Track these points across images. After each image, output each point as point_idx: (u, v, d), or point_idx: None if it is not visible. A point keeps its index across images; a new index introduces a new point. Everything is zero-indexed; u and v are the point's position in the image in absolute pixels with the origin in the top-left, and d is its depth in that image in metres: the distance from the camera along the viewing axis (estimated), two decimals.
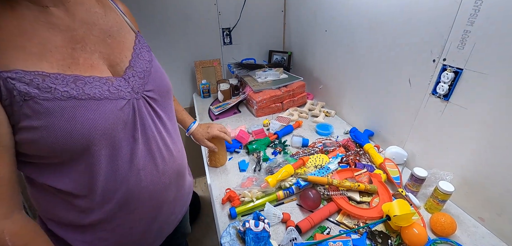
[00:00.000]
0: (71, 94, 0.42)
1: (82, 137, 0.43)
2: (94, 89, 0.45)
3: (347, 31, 1.23)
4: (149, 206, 0.60)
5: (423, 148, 0.96)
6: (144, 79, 0.55)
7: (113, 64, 0.51)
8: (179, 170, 0.66)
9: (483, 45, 0.70)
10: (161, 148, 0.58)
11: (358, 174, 0.92)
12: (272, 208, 0.82)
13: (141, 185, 0.55)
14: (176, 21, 1.55)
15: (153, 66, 0.59)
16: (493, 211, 0.76)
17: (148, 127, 0.55)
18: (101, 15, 0.52)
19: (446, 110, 0.84)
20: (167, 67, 1.66)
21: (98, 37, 0.49)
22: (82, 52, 0.46)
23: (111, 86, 0.48)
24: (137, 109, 0.52)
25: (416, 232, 0.70)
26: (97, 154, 0.47)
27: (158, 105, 0.58)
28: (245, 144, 1.16)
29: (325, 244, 0.69)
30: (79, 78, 0.44)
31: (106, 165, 0.49)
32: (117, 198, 0.53)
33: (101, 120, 0.45)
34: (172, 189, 0.65)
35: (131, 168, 0.52)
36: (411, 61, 0.93)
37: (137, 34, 0.61)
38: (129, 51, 0.55)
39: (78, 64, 0.45)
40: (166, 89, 0.62)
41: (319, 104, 1.49)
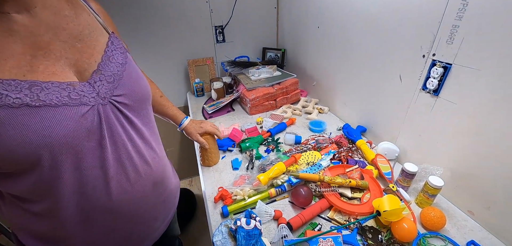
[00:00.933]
0: (24, 102, 0.39)
1: (35, 146, 0.40)
2: (50, 96, 0.42)
3: (338, 27, 1.23)
4: (122, 217, 0.57)
5: (414, 143, 0.96)
6: (113, 84, 0.51)
7: (81, 70, 0.48)
8: (156, 180, 0.62)
9: (471, 40, 0.71)
10: (133, 157, 0.55)
11: (350, 170, 0.92)
12: (264, 206, 0.82)
13: (111, 196, 0.52)
14: (169, 19, 1.54)
15: (126, 69, 0.55)
16: (482, 204, 0.76)
17: (117, 135, 0.51)
18: (71, 18, 0.49)
19: (436, 106, 0.84)
20: (160, 66, 1.65)
21: (66, 42, 0.47)
22: (44, 59, 0.43)
23: (72, 92, 0.45)
24: (103, 116, 0.48)
25: (405, 227, 0.71)
26: (58, 164, 0.44)
27: (131, 111, 0.55)
28: (238, 142, 1.15)
29: (315, 240, 0.69)
30: (36, 84, 0.41)
31: (70, 175, 0.46)
32: (89, 206, 0.51)
33: (58, 128, 0.42)
34: (148, 198, 0.62)
35: (99, 176, 0.50)
36: (401, 56, 0.93)
37: (111, 35, 0.57)
38: (100, 55, 0.52)
39: (37, 72, 0.42)
40: (142, 94, 0.58)
41: (313, 101, 1.49)
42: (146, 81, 0.61)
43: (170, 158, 2.14)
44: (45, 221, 0.50)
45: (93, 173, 0.49)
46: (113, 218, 0.55)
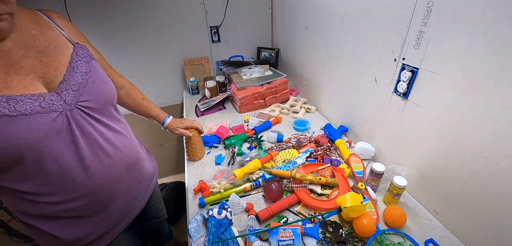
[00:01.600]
0: (3, 113, 0.47)
1: (16, 148, 0.49)
2: (25, 106, 0.50)
3: (323, 28, 1.26)
4: (103, 196, 0.66)
5: (388, 144, 0.99)
6: (78, 91, 0.59)
7: (48, 81, 0.56)
8: (128, 162, 0.71)
9: (436, 45, 0.73)
10: (104, 147, 0.63)
11: (322, 168, 0.96)
12: (237, 198, 0.88)
13: (91, 179, 0.62)
14: (165, 20, 1.62)
15: (91, 77, 0.63)
16: (445, 204, 0.79)
17: (87, 132, 0.60)
18: (37, 36, 0.57)
19: (405, 108, 0.87)
20: (158, 66, 1.74)
21: (34, 58, 0.55)
22: (16, 75, 0.52)
23: (43, 101, 0.53)
24: (71, 119, 0.57)
25: (365, 222, 0.75)
26: (39, 158, 0.53)
27: (97, 112, 0.63)
28: (223, 139, 1.22)
29: (276, 231, 0.75)
30: (12, 98, 0.49)
31: (51, 166, 0.55)
32: (72, 190, 0.60)
33: (33, 132, 0.51)
34: (124, 179, 0.71)
35: (76, 165, 0.59)
36: (376, 59, 0.96)
37: (75, 45, 0.64)
38: (65, 66, 0.59)
39: (11, 87, 0.50)
40: (106, 97, 0.66)
41: (301, 100, 1.53)
42: (111, 84, 0.70)
43: (169, 153, 2.24)
44: (38, 204, 0.59)
45: (71, 163, 0.58)
46: (96, 198, 0.65)
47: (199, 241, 0.79)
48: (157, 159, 1.00)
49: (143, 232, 1.22)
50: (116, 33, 1.54)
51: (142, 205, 0.85)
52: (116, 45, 1.57)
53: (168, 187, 1.78)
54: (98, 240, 0.72)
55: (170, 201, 1.69)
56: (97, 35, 1.50)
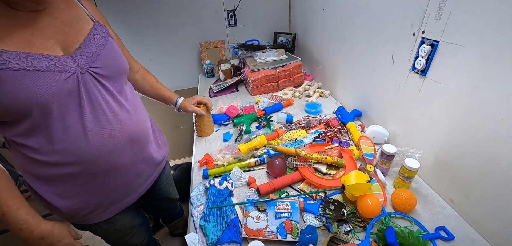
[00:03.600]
0: (22, 66, 0.52)
1: (29, 100, 0.54)
2: (41, 63, 0.55)
3: (340, 8, 1.20)
4: (104, 164, 0.68)
5: (403, 126, 0.92)
6: (91, 58, 0.64)
7: (66, 47, 0.62)
8: (130, 135, 0.72)
9: (459, 13, 0.66)
10: (107, 114, 0.66)
11: (329, 148, 0.93)
12: (239, 171, 0.88)
13: (90, 145, 0.64)
14: (183, 3, 1.65)
15: (105, 49, 0.68)
16: (462, 192, 0.72)
17: (94, 96, 0.63)
18: (63, 10, 0.63)
19: (423, 87, 0.80)
20: (175, 49, 1.78)
21: (57, 27, 0.61)
22: (39, 37, 0.57)
23: (58, 62, 0.58)
24: (81, 81, 0.61)
25: (369, 203, 0.71)
26: (47, 114, 0.57)
27: (107, 80, 0.67)
28: (233, 117, 1.22)
29: (274, 203, 0.73)
30: (31, 55, 0.54)
31: (57, 124, 0.59)
32: (70, 152, 0.62)
33: (45, 88, 0.55)
34: (125, 151, 0.72)
35: (79, 128, 0.62)
36: (394, 36, 0.89)
37: (95, 23, 0.71)
38: (83, 37, 0.65)
39: (33, 46, 0.55)
40: (118, 68, 0.71)
41: (315, 85, 1.48)
42: (124, 59, 0.75)
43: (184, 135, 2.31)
44: (40, 164, 0.62)
45: (73, 123, 0.61)
46: (94, 166, 0.66)
47: (199, 208, 0.81)
48: (172, 140, 1.04)
49: (153, 210, 1.27)
50: (135, 17, 1.61)
51: (148, 185, 0.86)
52: (135, 28, 1.64)
53: (181, 167, 1.84)
54: (97, 212, 0.74)
55: (182, 181, 1.73)
56: (117, 18, 1.58)
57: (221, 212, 0.76)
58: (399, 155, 0.83)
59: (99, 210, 0.74)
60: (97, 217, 0.75)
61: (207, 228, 0.72)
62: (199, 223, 0.76)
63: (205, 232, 0.71)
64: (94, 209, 0.73)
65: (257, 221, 0.71)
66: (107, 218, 0.78)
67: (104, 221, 0.77)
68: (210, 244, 0.69)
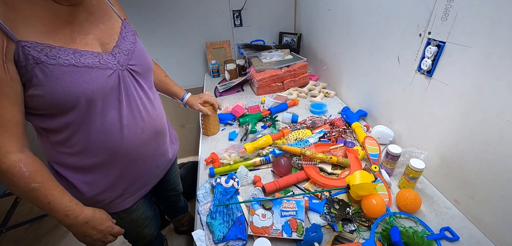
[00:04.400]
0: (71, 62, 0.55)
1: (77, 94, 0.57)
2: (88, 60, 0.58)
3: (346, 8, 1.20)
4: (133, 156, 0.73)
5: (408, 127, 0.92)
6: (128, 56, 0.68)
7: (103, 43, 0.65)
8: (156, 129, 0.77)
9: (465, 14, 0.66)
10: (141, 110, 0.70)
11: (334, 148, 0.93)
12: (245, 170, 0.89)
13: (124, 139, 0.68)
14: (189, 4, 1.67)
15: (136, 47, 0.72)
16: (467, 193, 0.72)
17: (131, 93, 0.68)
18: (95, 6, 0.66)
19: (429, 87, 0.80)
20: (181, 49, 1.80)
21: (93, 23, 0.63)
22: (79, 33, 0.60)
23: (101, 59, 0.61)
24: (121, 78, 0.65)
25: (374, 202, 0.72)
26: (91, 108, 0.60)
27: (141, 77, 0.72)
28: (238, 117, 1.24)
29: (279, 201, 0.75)
30: (77, 51, 0.57)
31: (97, 118, 0.62)
32: (105, 145, 0.66)
33: (92, 83, 0.59)
34: (151, 144, 0.77)
35: (116, 124, 0.66)
36: (399, 36, 0.89)
37: (123, 21, 0.73)
38: (117, 35, 0.69)
39: (75, 42, 0.58)
40: (148, 66, 0.75)
41: (321, 85, 1.49)
42: (149, 56, 0.78)
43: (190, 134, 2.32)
44: (73, 155, 0.66)
45: (113, 118, 0.65)
46: (125, 158, 0.71)
47: (205, 206, 0.82)
48: (178, 139, 1.05)
49: (161, 201, 1.30)
50: (143, 17, 1.63)
51: (161, 175, 0.91)
52: (143, 28, 1.66)
53: (186, 165, 1.86)
54: (120, 200, 0.78)
55: (188, 179, 1.76)
56: None
57: (227, 210, 0.77)
58: (404, 155, 0.83)
59: (121, 199, 0.78)
60: (117, 205, 0.79)
61: (213, 225, 0.73)
62: (205, 220, 0.77)
63: (212, 229, 0.73)
64: (117, 197, 0.77)
65: (263, 219, 0.72)
66: (126, 207, 0.81)
67: (122, 211, 0.81)
68: (216, 241, 0.70)
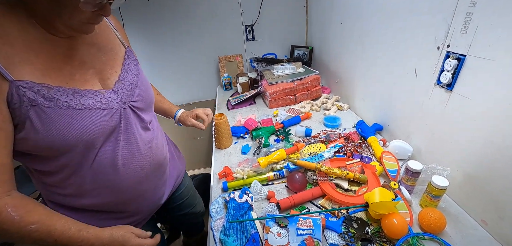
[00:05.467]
0: (70, 105, 0.51)
1: (75, 139, 0.52)
2: (88, 101, 0.54)
3: (359, 21, 1.20)
4: (132, 194, 0.68)
5: (428, 142, 0.89)
6: (131, 92, 0.64)
7: (104, 78, 0.60)
8: (157, 163, 0.73)
9: (487, 27, 0.64)
10: (140, 146, 0.65)
11: (350, 163, 0.91)
12: (259, 185, 0.88)
13: (121, 177, 0.63)
14: (203, 19, 1.72)
15: (140, 79, 0.68)
16: (496, 213, 0.68)
17: (130, 130, 0.63)
18: (98, 34, 0.61)
19: (450, 101, 0.78)
20: (195, 62, 1.85)
21: (94, 55, 0.59)
22: (79, 69, 0.55)
23: (103, 98, 0.57)
24: (123, 116, 0.61)
25: (395, 222, 0.68)
26: (87, 151, 0.56)
27: (142, 112, 0.68)
28: (251, 130, 1.24)
29: (295, 219, 0.73)
30: (77, 91, 0.53)
31: (94, 159, 0.58)
32: (101, 185, 0.61)
33: (93, 126, 0.54)
34: (151, 179, 0.73)
35: (113, 162, 0.61)
36: (416, 50, 0.88)
37: (127, 49, 0.69)
38: (119, 67, 0.64)
39: (74, 79, 0.54)
40: (150, 99, 0.72)
41: (334, 98, 1.47)
42: (151, 86, 0.75)
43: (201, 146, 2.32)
44: (67, 196, 0.61)
45: (110, 158, 0.61)
46: (121, 196, 0.67)
47: (219, 222, 0.81)
48: (189, 151, 1.02)
49: (177, 223, 1.25)
50: (158, 33, 1.69)
51: (164, 200, 0.85)
52: (158, 44, 1.72)
53: (196, 178, 1.87)
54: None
55: (198, 191, 1.76)
56: (140, 35, 1.66)
57: (241, 227, 0.76)
58: (425, 172, 0.80)
59: None
60: None
61: (227, 242, 0.72)
62: (219, 237, 0.76)
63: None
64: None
65: (278, 237, 0.70)
66: None
67: None
68: None
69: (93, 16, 0.52)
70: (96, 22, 0.55)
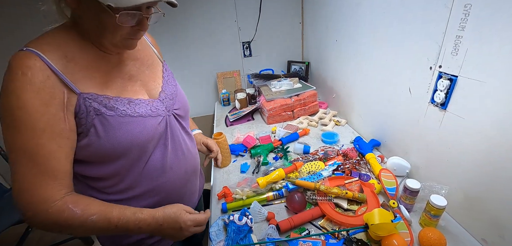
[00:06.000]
0: (127, 113, 0.57)
1: (130, 143, 0.58)
2: (141, 109, 0.60)
3: (353, 41, 1.23)
4: (174, 197, 0.72)
5: (426, 160, 0.90)
6: (173, 100, 0.70)
7: (149, 89, 0.67)
8: (195, 168, 0.79)
9: (476, 50, 0.66)
10: (184, 151, 0.72)
11: (349, 182, 0.91)
12: (258, 206, 0.88)
13: (168, 181, 0.69)
14: (201, 37, 1.75)
15: (178, 90, 0.75)
16: (496, 232, 0.68)
17: (176, 136, 0.70)
18: (141, 50, 0.68)
19: (444, 120, 0.79)
20: (193, 79, 1.87)
21: (139, 69, 0.66)
22: (129, 81, 0.62)
23: (152, 106, 0.63)
24: (169, 123, 0.67)
25: (395, 244, 0.68)
26: (140, 156, 0.61)
27: (182, 120, 0.74)
28: (250, 148, 1.24)
29: (295, 242, 0.72)
30: (131, 101, 0.59)
31: (143, 164, 0.63)
32: (149, 188, 0.66)
33: (145, 132, 0.60)
34: (190, 183, 0.79)
35: (162, 166, 0.66)
36: (410, 69, 0.90)
37: (163, 63, 0.76)
38: (160, 79, 0.71)
39: (126, 90, 0.61)
40: (187, 108, 0.78)
41: (331, 113, 1.49)
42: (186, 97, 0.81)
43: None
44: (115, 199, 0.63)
45: (158, 163, 0.66)
46: (167, 199, 0.70)
47: (219, 245, 0.81)
48: None
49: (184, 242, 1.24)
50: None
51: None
52: None
53: None
54: (158, 242, 0.75)
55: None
56: None
57: None
58: (424, 190, 0.80)
59: (157, 243, 0.75)
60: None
61: None
62: None
63: None
64: (153, 243, 0.74)
65: None
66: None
67: None
68: None
69: (132, 31, 0.56)
70: (136, 37, 0.59)
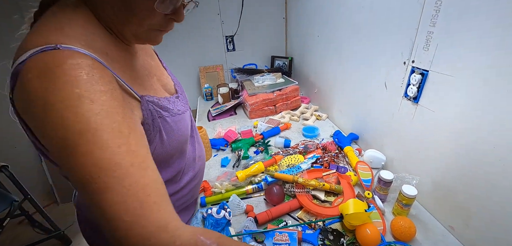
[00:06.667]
0: (175, 112, 0.54)
1: (182, 141, 0.57)
2: (178, 106, 0.57)
3: (334, 36, 1.25)
4: (197, 183, 0.73)
5: (399, 152, 0.93)
6: (184, 97, 0.67)
7: (163, 84, 0.62)
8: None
9: (445, 46, 0.69)
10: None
11: (326, 174, 0.93)
12: (237, 200, 0.87)
13: (198, 170, 0.70)
14: (183, 30, 1.71)
15: (181, 87, 0.72)
16: (462, 219, 0.72)
17: (194, 127, 0.72)
18: (151, 56, 0.63)
19: (416, 113, 0.82)
20: (175, 73, 1.76)
21: (149, 63, 0.60)
22: (150, 78, 0.56)
23: (180, 102, 0.60)
24: (190, 116, 0.68)
25: (368, 232, 0.70)
26: (183, 151, 0.62)
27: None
28: (231, 142, 1.23)
29: (272, 234, 0.73)
30: (169, 100, 0.55)
31: (186, 156, 0.64)
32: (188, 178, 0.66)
33: (186, 127, 0.60)
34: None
35: (193, 157, 0.67)
36: (386, 64, 0.92)
37: (166, 68, 0.73)
38: (169, 78, 0.66)
39: (154, 88, 0.54)
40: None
41: (312, 108, 1.51)
42: None
43: None
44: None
45: (190, 155, 0.66)
46: (197, 183, 0.72)
47: None
48: None
49: None
50: None
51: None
52: None
53: None
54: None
55: None
56: None
57: None
58: (397, 181, 0.83)
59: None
60: None
61: None
62: None
63: None
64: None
65: None
66: None
67: None
68: None
69: (164, 21, 0.46)
70: (167, 29, 0.48)
